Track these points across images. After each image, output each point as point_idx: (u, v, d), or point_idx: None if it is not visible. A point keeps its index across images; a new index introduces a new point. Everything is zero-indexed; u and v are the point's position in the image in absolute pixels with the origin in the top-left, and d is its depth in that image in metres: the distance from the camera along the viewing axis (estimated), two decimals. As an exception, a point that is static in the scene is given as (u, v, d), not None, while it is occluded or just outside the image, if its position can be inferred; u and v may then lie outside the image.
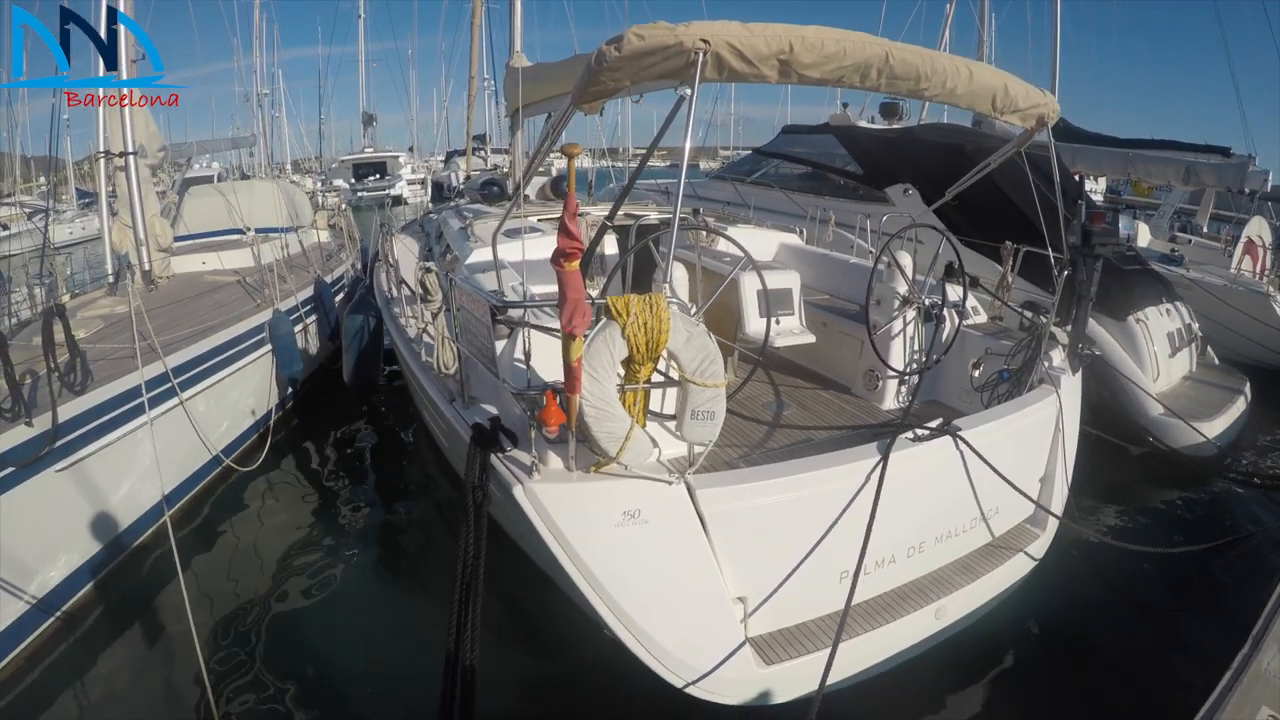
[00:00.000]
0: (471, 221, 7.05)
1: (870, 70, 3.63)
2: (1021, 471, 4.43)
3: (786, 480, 3.47)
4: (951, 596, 4.01)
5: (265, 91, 31.07)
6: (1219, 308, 9.41)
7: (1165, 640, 5.00)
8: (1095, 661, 4.61)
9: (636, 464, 3.12)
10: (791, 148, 13.57)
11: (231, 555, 5.40)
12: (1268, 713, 2.86)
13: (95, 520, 4.86)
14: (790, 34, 3.28)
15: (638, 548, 3.19)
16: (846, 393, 5.82)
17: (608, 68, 3.24)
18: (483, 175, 14.01)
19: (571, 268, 2.52)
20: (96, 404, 4.74)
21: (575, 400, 2.87)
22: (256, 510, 6.03)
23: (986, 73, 4.25)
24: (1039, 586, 4.62)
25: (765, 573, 3.54)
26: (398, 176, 36.88)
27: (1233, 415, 7.62)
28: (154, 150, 7.87)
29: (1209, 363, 8.96)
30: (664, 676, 3.30)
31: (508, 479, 3.16)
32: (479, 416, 3.72)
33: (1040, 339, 4.97)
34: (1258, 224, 10.90)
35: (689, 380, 3.07)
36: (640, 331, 2.90)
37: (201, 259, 8.60)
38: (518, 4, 10.77)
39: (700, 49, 3.13)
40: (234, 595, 4.91)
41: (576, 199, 2.59)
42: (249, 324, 6.53)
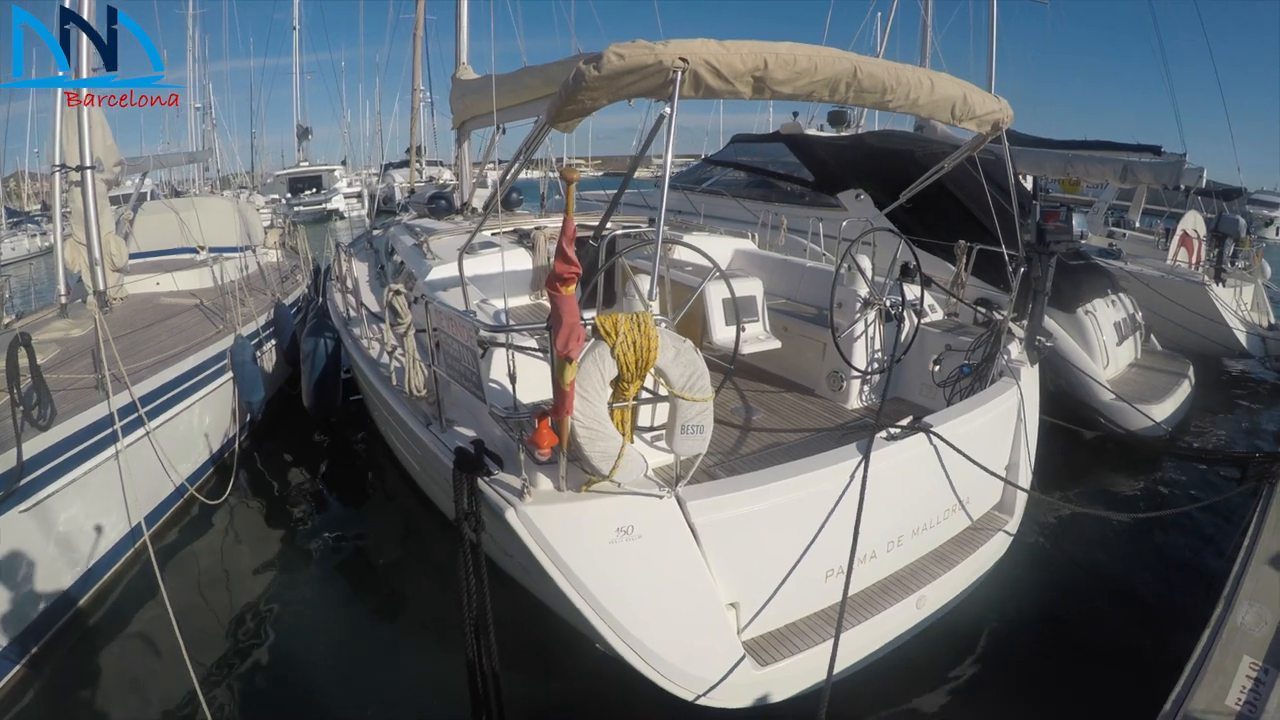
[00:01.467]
0: (426, 238, 7.00)
1: (839, 84, 3.73)
2: (988, 461, 4.58)
3: (773, 486, 3.54)
4: (931, 586, 4.17)
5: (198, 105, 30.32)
6: (1158, 298, 9.83)
7: (1137, 607, 5.26)
8: (1075, 633, 4.81)
9: (629, 480, 3.14)
10: (742, 156, 13.74)
11: (205, 589, 5.24)
12: (1248, 660, 3.23)
13: (59, 562, 4.65)
14: (764, 51, 3.35)
15: (633, 563, 3.22)
16: (811, 394, 5.93)
17: (586, 87, 3.26)
18: (428, 189, 13.83)
19: (568, 292, 2.53)
20: (63, 438, 4.54)
21: (567, 421, 2.88)
22: (225, 543, 5.85)
23: (947, 82, 4.39)
24: (1012, 569, 4.83)
25: (755, 577, 3.61)
26: (334, 190, 36.22)
27: (1179, 398, 8.02)
28: (110, 165, 7.56)
29: (1153, 350, 9.39)
30: (670, 690, 3.35)
31: (498, 503, 3.14)
32: (457, 440, 3.71)
33: (999, 334, 5.15)
34: (1192, 218, 11.42)
35: (679, 395, 3.11)
36: (630, 350, 2.92)
37: (155, 279, 8.31)
38: (463, 15, 10.62)
39: (679, 67, 3.18)
40: (215, 627, 4.78)
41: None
42: (211, 350, 6.36)
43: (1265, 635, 3.46)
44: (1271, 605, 3.70)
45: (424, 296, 4.10)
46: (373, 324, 6.08)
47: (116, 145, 7.91)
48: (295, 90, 37.88)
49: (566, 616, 3.54)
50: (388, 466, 6.60)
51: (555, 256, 2.55)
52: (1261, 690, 3.08)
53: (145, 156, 11.61)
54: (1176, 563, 5.81)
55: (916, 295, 5.71)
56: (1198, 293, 9.99)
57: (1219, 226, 11.00)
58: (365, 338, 6.10)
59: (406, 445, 5.07)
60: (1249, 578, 3.97)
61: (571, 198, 2.62)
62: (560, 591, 3.15)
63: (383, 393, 5.10)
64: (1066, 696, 4.28)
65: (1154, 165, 12.22)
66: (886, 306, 5.66)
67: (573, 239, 2.50)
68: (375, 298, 6.89)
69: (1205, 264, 10.82)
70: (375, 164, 36.68)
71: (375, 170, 39.66)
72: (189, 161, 16.60)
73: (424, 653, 4.61)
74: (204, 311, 7.39)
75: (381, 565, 5.69)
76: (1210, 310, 9.90)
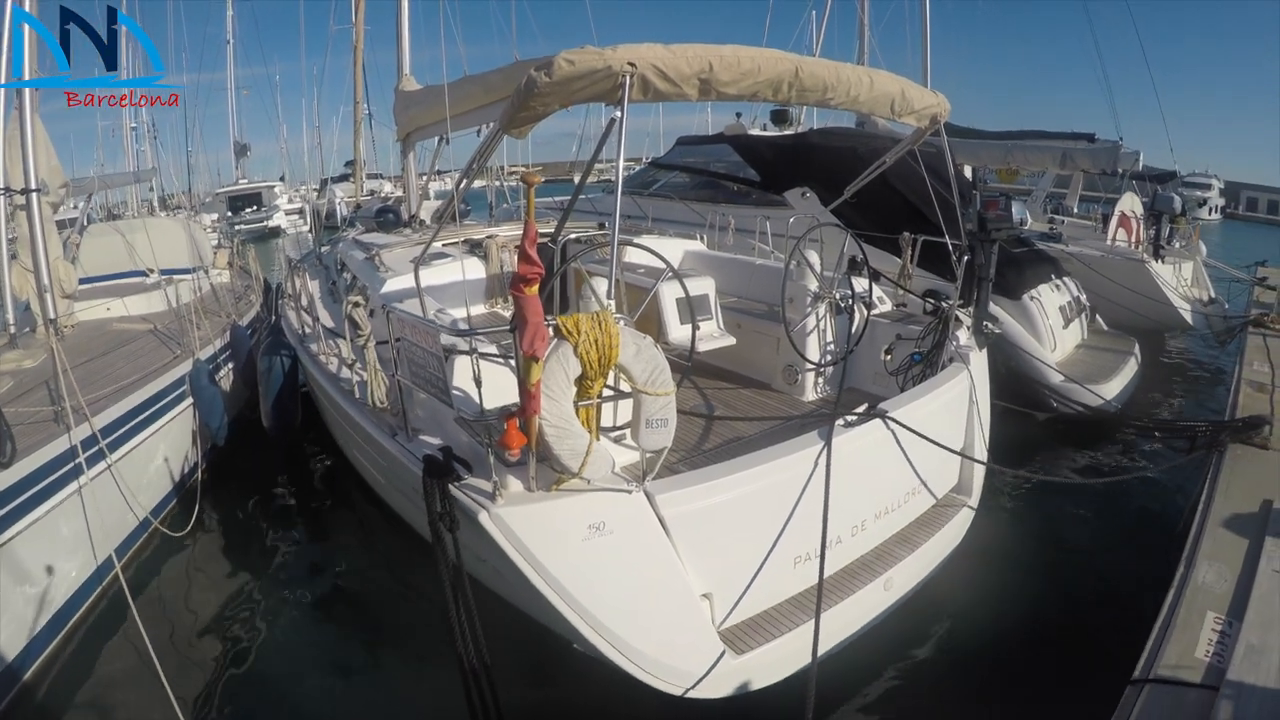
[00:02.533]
0: (377, 251, 6.98)
1: (782, 84, 3.86)
2: (943, 443, 4.75)
3: (739, 476, 3.63)
4: (896, 568, 4.29)
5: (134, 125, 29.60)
6: (1101, 279, 10.18)
7: (1099, 574, 5.51)
8: (1042, 604, 5.00)
9: (598, 477, 3.19)
10: (687, 158, 13.86)
11: (179, 624, 5.08)
12: (1212, 615, 3.48)
13: (26, 606, 4.47)
14: (709, 54, 3.46)
15: (606, 559, 3.27)
16: (767, 389, 6.05)
17: (538, 93, 3.34)
18: (374, 203, 13.69)
19: (531, 292, 2.60)
20: (25, 475, 4.37)
21: (535, 421, 2.93)
22: (194, 574, 5.72)
23: (885, 79, 4.55)
24: (975, 547, 4.99)
25: (725, 567, 3.69)
26: (274, 207, 35.58)
27: (1126, 375, 8.32)
28: (56, 187, 7.34)
29: (1099, 330, 9.72)
30: (651, 684, 3.39)
31: (471, 507, 3.16)
32: (424, 449, 3.72)
33: (947, 321, 5.32)
34: (1129, 199, 11.86)
35: (642, 391, 3.18)
36: (592, 348, 2.98)
37: (106, 305, 8.10)
38: (404, 26, 10.58)
39: (627, 71, 3.27)
40: (195, 662, 4.66)
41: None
42: (170, 376, 6.22)
43: (1226, 591, 3.69)
44: (1230, 563, 3.93)
45: (384, 306, 4.10)
46: (330, 339, 6.04)
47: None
48: (231, 106, 37.02)
49: (542, 618, 3.57)
50: (350, 484, 6.53)
51: (518, 259, 2.60)
52: (1227, 641, 3.30)
53: (90, 178, 11.35)
54: (1132, 530, 6.08)
55: (865, 288, 5.87)
56: (1138, 270, 10.37)
57: (1155, 205, 11.43)
58: (323, 353, 6.02)
59: (371, 458, 5.03)
60: (1206, 539, 4.19)
61: (533, 201, 2.67)
62: (536, 592, 3.18)
63: (345, 407, 5.06)
64: (1041, 664, 4.45)
65: (1092, 151, 12.65)
66: (837, 300, 5.81)
67: (535, 241, 2.56)
68: (329, 313, 6.83)
69: (1144, 243, 11.24)
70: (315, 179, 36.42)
71: (315, 186, 39.31)
72: (134, 182, 16.25)
73: (405, 667, 4.60)
74: (159, 336, 7.25)
75: (353, 583, 5.63)
76: (1151, 287, 10.29)
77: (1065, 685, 4.27)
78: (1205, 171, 36.93)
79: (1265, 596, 3.57)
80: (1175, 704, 2.99)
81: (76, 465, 4.77)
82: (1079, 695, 4.08)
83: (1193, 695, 3.03)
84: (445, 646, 4.48)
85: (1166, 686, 3.09)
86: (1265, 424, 5.56)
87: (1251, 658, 3.15)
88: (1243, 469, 5.11)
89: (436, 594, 3.29)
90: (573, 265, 6.33)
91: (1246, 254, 13.40)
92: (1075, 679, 4.31)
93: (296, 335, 6.87)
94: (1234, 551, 4.06)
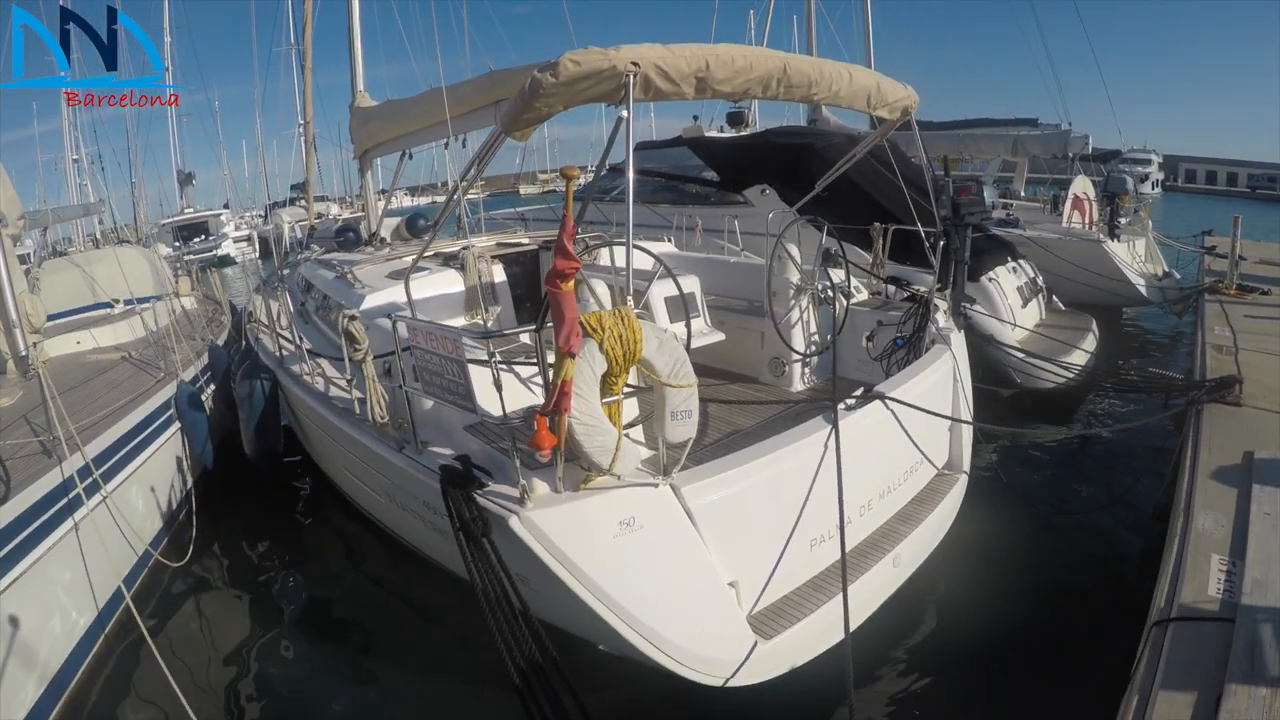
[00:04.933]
0: (349, 269, 6.91)
1: (772, 81, 3.96)
2: (934, 423, 4.92)
3: (757, 463, 3.71)
4: (903, 545, 4.41)
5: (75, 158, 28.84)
6: (1058, 260, 10.54)
7: (1093, 530, 5.83)
8: (1045, 562, 5.28)
9: (627, 472, 3.24)
10: (646, 163, 13.94)
11: (190, 659, 4.94)
12: (1216, 558, 3.84)
13: (35, 654, 4.26)
14: (705, 53, 3.55)
15: (638, 554, 3.29)
16: (755, 382, 6.17)
17: (543, 94, 3.37)
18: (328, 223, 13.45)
19: (568, 288, 2.64)
20: (22, 511, 4.24)
21: (565, 421, 2.96)
22: (200, 605, 5.60)
23: (862, 74, 4.71)
24: (972, 518, 5.17)
25: (748, 555, 3.75)
26: (223, 235, 34.85)
27: (1086, 350, 8.63)
28: (14, 218, 7.10)
29: (1056, 309, 10.07)
30: (687, 676, 3.42)
31: (499, 513, 3.16)
32: (437, 460, 3.70)
33: (928, 305, 5.50)
34: (1082, 182, 12.30)
35: (665, 384, 3.24)
36: (617, 344, 3.03)
37: (75, 339, 7.90)
38: (357, 44, 10.45)
39: (631, 71, 3.33)
40: (213, 693, 4.56)
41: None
42: (157, 400, 6.10)
43: (1224, 536, 4.08)
44: (1224, 511, 4.34)
45: (393, 317, 4.07)
46: (313, 359, 5.95)
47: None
48: (172, 134, 36.28)
49: (571, 620, 3.56)
50: (339, 504, 6.46)
51: (556, 254, 2.64)
52: (1234, 579, 3.68)
53: (44, 211, 11.05)
54: (1120, 483, 6.49)
55: (841, 278, 6.02)
56: (1095, 250, 10.77)
57: (1108, 187, 11.87)
58: (307, 374, 5.88)
59: (370, 475, 4.94)
60: (1199, 490, 4.58)
61: (571, 195, 2.71)
62: (570, 593, 3.18)
63: (340, 425, 4.96)
64: (1053, 621, 4.70)
65: (1043, 137, 13.09)
66: (818, 291, 5.95)
67: (572, 235, 2.61)
68: (303, 335, 6.70)
69: (1099, 223, 11.67)
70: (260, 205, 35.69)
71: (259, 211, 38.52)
72: (84, 215, 15.86)
73: (421, 684, 4.59)
74: (135, 364, 7.11)
75: (357, 605, 5.59)
76: (1109, 266, 10.69)
77: (1077, 638, 4.50)
78: (1144, 147, 38.01)
79: (1261, 536, 3.98)
80: (1197, 637, 3.32)
81: (75, 497, 4.64)
82: (1093, 642, 4.37)
83: (1211, 628, 3.35)
84: (454, 660, 4.63)
85: (1188, 623, 3.41)
86: (1236, 382, 5.95)
87: (1259, 590, 3.54)
88: (1221, 425, 5.50)
89: (460, 606, 3.26)
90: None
91: (1189, 224, 13.98)
92: (1092, 617, 4.63)
93: (274, 358, 6.71)
94: (1225, 500, 4.44)
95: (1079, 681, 4.11)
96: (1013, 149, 13.14)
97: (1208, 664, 3.12)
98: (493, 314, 6.38)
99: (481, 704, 4.30)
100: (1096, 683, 3.91)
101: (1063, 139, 12.65)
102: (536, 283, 6.96)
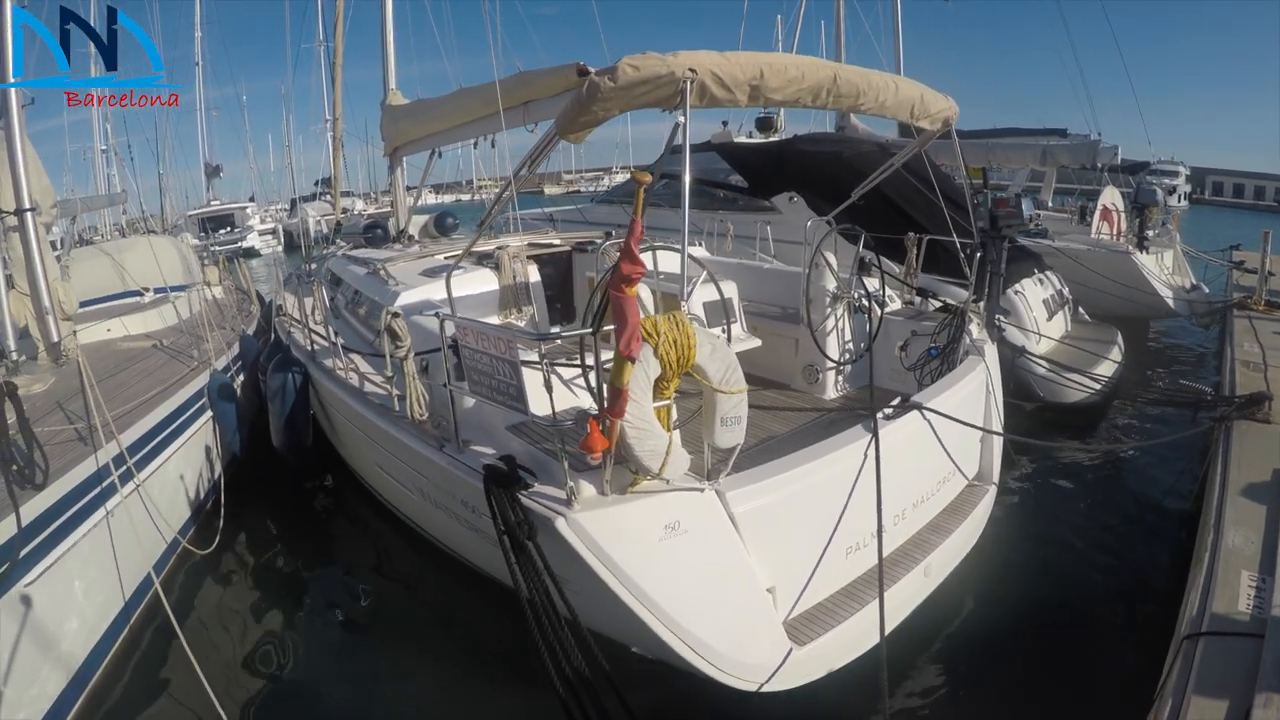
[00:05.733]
0: (381, 265, 6.93)
1: (821, 90, 3.97)
2: (968, 434, 4.93)
3: (798, 471, 3.72)
4: (934, 554, 4.43)
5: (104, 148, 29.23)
6: (1086, 271, 10.47)
7: (1119, 546, 5.80)
8: (1072, 575, 5.30)
9: (676, 477, 3.25)
10: (674, 167, 13.85)
11: (218, 647, 4.97)
12: (1246, 574, 3.88)
13: (64, 641, 4.27)
14: (760, 61, 3.57)
15: (682, 559, 3.31)
16: (787, 389, 6.16)
17: (601, 98, 3.39)
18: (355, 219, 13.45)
19: (632, 293, 2.65)
20: (59, 498, 4.26)
21: (617, 424, 2.97)
22: (227, 594, 5.64)
23: (907, 85, 4.72)
24: (1001, 530, 5.21)
25: (787, 561, 3.77)
26: (248, 228, 35.35)
27: (1111, 363, 8.58)
28: (48, 207, 7.13)
29: (1081, 321, 10.01)
30: (725, 681, 3.43)
31: (545, 514, 3.17)
32: (479, 460, 3.72)
33: (964, 316, 5.49)
34: (1110, 193, 12.21)
35: (717, 390, 3.25)
36: (671, 349, 3.05)
37: (105, 326, 7.93)
38: (389, 41, 10.50)
39: (688, 77, 3.35)
40: (241, 685, 4.58)
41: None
42: (190, 389, 6.13)
43: (1254, 553, 4.09)
44: (1254, 528, 4.34)
45: (440, 314, 4.08)
46: (347, 354, 5.97)
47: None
48: (201, 127, 37.05)
49: (604, 624, 3.55)
50: (365, 500, 6.49)
51: (623, 257, 2.65)
52: (1264, 595, 3.71)
53: (73, 199, 11.14)
54: (1142, 501, 6.45)
55: (876, 287, 6.01)
56: (1124, 262, 10.71)
57: (1138, 198, 11.79)
58: (340, 369, 5.92)
59: (407, 472, 4.93)
60: (1229, 506, 4.56)
61: (641, 199, 2.72)
62: (613, 597, 3.19)
63: (377, 421, 4.97)
64: (1079, 630, 4.71)
65: (1072, 147, 13.00)
66: (855, 299, 5.95)
67: (640, 239, 2.62)
68: (333, 329, 6.74)
69: (1128, 234, 11.59)
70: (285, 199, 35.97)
71: (284, 205, 38.71)
72: (109, 205, 16.00)
73: (449, 682, 4.61)
74: (167, 352, 7.15)
75: (383, 601, 5.60)
76: (1137, 278, 10.62)
77: (1101, 648, 4.52)
78: (1171, 159, 37.63)
79: (1290, 554, 3.98)
80: (1228, 652, 3.35)
81: (109, 485, 4.66)
82: (1118, 653, 4.44)
83: (1242, 643, 3.38)
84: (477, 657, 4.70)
85: (1218, 637, 3.43)
86: (1266, 400, 5.92)
87: None
88: (1251, 442, 5.48)
89: (485, 604, 3.25)
90: (586, 275, 6.39)
91: (1216, 238, 13.87)
92: (1121, 631, 4.68)
93: (305, 352, 6.77)
94: (1255, 517, 4.45)
95: (1104, 691, 4.13)
96: (1041, 159, 13.04)
97: (1237, 678, 3.16)
98: (525, 314, 6.40)
99: (503, 700, 4.36)
100: (1122, 693, 3.96)
101: (1092, 149, 12.56)
102: (569, 284, 6.97)
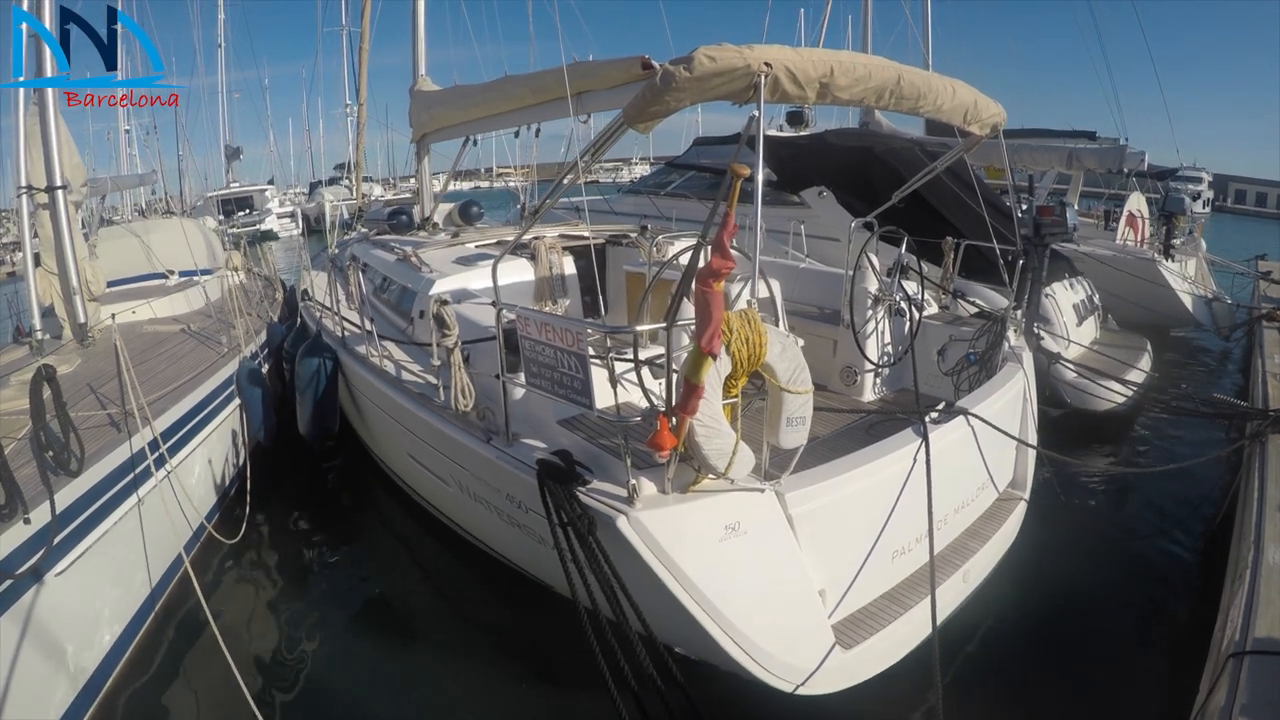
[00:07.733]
0: (412, 252, 6.84)
1: (885, 91, 3.92)
2: (1006, 441, 4.90)
3: (853, 473, 3.71)
4: (972, 560, 4.42)
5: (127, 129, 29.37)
6: (1111, 276, 10.40)
7: (1151, 558, 5.77)
8: (1107, 588, 5.28)
9: (741, 477, 3.21)
10: (704, 159, 13.79)
11: (247, 635, 4.97)
12: None
13: (93, 628, 4.26)
14: (831, 59, 3.52)
15: (740, 559, 3.29)
16: (824, 390, 6.07)
17: (675, 88, 3.33)
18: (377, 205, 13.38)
19: (720, 288, 2.60)
20: (93, 484, 4.20)
21: (687, 421, 2.93)
22: (253, 582, 5.63)
23: (963, 90, 4.68)
24: (1035, 538, 5.18)
25: (837, 563, 3.76)
26: (266, 211, 35.38)
27: (1141, 371, 8.51)
28: (79, 185, 7.03)
29: (1110, 328, 9.94)
30: (771, 682, 3.42)
31: (605, 512, 3.14)
32: (531, 454, 3.68)
33: (1004, 322, 5.44)
34: (1136, 199, 12.14)
35: (784, 389, 3.22)
36: (743, 346, 3.02)
37: (132, 308, 7.86)
38: (420, 27, 10.41)
39: (764, 71, 3.30)
40: (271, 674, 4.57)
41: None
42: (220, 377, 6.09)
43: None
44: None
45: (496, 304, 4.01)
46: (382, 342, 5.91)
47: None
48: (222, 110, 37.08)
49: (661, 623, 3.47)
50: (393, 490, 6.48)
51: (714, 252, 2.61)
52: None
53: (102, 178, 11.10)
54: (1169, 513, 6.39)
55: (915, 290, 5.96)
56: (1148, 268, 10.64)
57: (1166, 205, 11.71)
58: (376, 356, 5.83)
59: (444, 463, 4.87)
60: (1268, 523, 4.44)
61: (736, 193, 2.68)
62: (669, 596, 3.17)
63: (417, 411, 4.90)
64: (1109, 641, 4.67)
65: (1099, 151, 12.85)
66: (896, 302, 5.90)
67: (733, 233, 2.58)
68: (360, 316, 6.67)
69: (1153, 241, 11.52)
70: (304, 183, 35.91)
71: (303, 189, 38.67)
72: (139, 184, 15.99)
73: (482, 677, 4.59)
74: (195, 337, 7.10)
75: (403, 588, 5.62)
76: (1162, 285, 10.55)
77: (1132, 661, 4.55)
78: (1194, 165, 37.29)
79: (1333, 572, 3.89)
80: (1275, 672, 3.25)
81: (142, 471, 4.61)
82: (1151, 671, 4.46)
83: None
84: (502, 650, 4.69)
85: (1264, 657, 3.34)
86: None
87: None
88: None
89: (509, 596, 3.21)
90: (625, 269, 6.33)
91: (1239, 246, 13.77)
92: (1159, 646, 4.66)
93: (336, 338, 6.70)
94: None
95: (1134, 707, 4.15)
96: (1067, 161, 12.92)
97: None
98: (561, 305, 6.36)
99: (532, 696, 4.38)
100: (1155, 709, 3.98)
101: (1119, 154, 12.44)
102: (602, 275, 6.92)
